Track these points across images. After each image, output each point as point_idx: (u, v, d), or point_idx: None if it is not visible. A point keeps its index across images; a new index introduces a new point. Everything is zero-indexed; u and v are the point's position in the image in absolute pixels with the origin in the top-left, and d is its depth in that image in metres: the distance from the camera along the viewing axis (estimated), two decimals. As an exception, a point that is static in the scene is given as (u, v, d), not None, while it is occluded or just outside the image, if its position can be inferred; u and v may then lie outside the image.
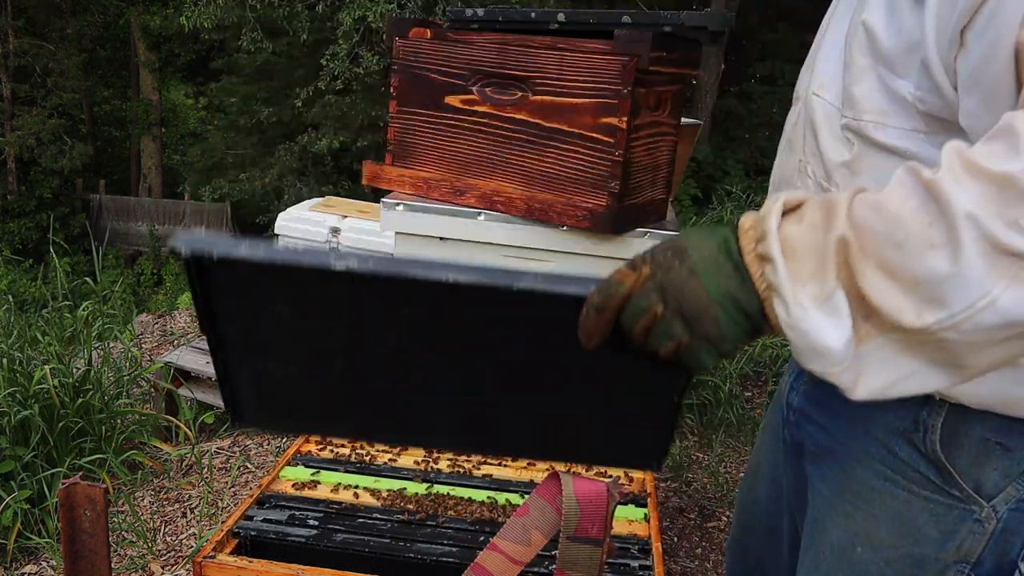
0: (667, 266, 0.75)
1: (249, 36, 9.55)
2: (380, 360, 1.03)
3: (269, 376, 1.07)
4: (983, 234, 0.64)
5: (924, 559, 0.96)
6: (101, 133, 17.51)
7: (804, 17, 11.75)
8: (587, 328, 0.80)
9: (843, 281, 0.68)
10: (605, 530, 0.92)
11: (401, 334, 0.98)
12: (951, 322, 0.65)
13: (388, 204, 1.70)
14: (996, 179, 0.66)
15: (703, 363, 0.75)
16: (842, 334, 0.67)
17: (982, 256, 0.64)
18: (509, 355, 0.93)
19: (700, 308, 0.72)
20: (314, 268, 0.92)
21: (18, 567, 2.42)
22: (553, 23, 1.58)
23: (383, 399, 1.06)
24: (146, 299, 11.34)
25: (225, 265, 0.93)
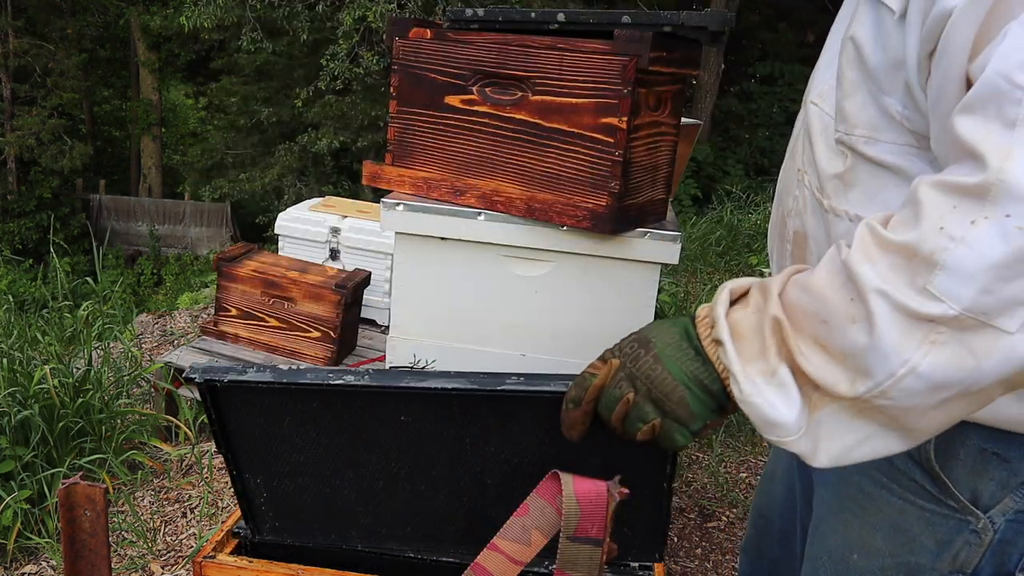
0: (634, 356, 0.82)
1: (249, 36, 9.55)
2: (382, 468, 1.09)
3: (282, 490, 1.14)
4: (894, 305, 0.68)
5: (919, 568, 0.94)
6: (101, 133, 17.51)
7: (804, 17, 11.76)
8: (568, 421, 0.87)
9: (784, 358, 0.74)
10: (605, 530, 0.92)
11: (400, 441, 1.05)
12: (879, 390, 0.70)
13: (388, 204, 1.70)
14: (901, 249, 0.69)
15: (677, 443, 0.81)
16: (791, 407, 0.73)
17: (895, 326, 0.68)
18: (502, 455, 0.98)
19: (668, 390, 0.79)
20: (313, 385, 1.01)
21: (18, 567, 2.42)
22: (553, 23, 1.58)
23: (390, 507, 1.11)
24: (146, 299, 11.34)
25: (234, 389, 1.04)
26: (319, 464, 1.09)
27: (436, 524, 1.09)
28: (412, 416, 1.02)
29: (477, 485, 1.00)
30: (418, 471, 1.06)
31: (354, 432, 1.05)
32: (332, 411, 1.04)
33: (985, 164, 0.67)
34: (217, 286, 3.54)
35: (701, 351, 0.79)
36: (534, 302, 1.73)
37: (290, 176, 11.75)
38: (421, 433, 1.03)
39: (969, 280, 0.66)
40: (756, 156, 11.93)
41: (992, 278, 0.65)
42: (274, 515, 1.16)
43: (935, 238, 0.67)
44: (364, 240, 3.91)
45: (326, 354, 3.40)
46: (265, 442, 1.09)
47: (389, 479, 1.08)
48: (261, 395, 1.04)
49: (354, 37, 8.84)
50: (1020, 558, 0.91)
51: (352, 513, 1.12)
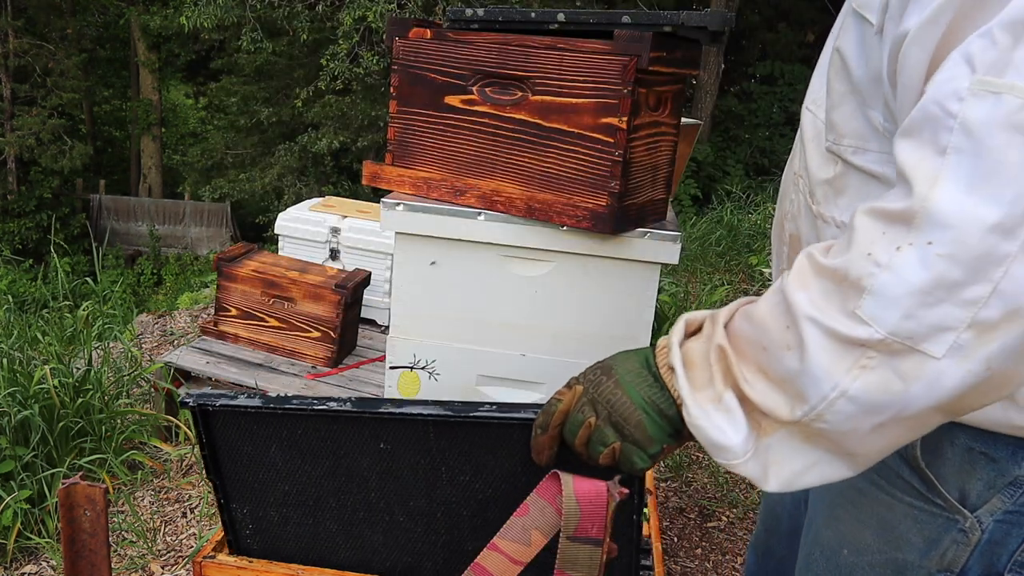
0: (597, 382, 0.88)
1: (249, 36, 9.55)
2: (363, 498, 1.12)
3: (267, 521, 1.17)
4: (824, 331, 0.71)
5: (907, 565, 0.95)
6: (101, 133, 17.51)
7: (804, 17, 11.76)
8: (536, 447, 0.92)
9: (730, 384, 0.78)
10: (605, 530, 0.92)
11: (379, 469, 1.09)
12: (815, 413, 0.72)
13: (388, 204, 1.70)
14: (832, 274, 0.72)
15: (636, 465, 0.85)
16: (738, 431, 0.77)
17: (825, 351, 0.71)
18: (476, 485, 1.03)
19: (627, 414, 0.84)
20: (298, 410, 1.06)
21: (18, 567, 2.42)
22: (553, 23, 1.58)
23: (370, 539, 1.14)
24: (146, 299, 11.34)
25: (225, 413, 1.08)
26: (303, 493, 1.13)
27: (415, 557, 1.12)
28: (390, 443, 1.06)
29: (452, 517, 1.04)
30: (396, 501, 1.10)
31: (336, 459, 1.09)
32: (316, 437, 1.09)
33: (912, 190, 0.68)
34: (217, 286, 3.54)
35: (659, 378, 0.84)
36: (534, 302, 1.73)
37: (290, 176, 11.76)
38: (399, 461, 1.07)
39: (893, 305, 0.68)
40: (756, 156, 11.93)
41: (914, 304, 0.67)
42: (259, 547, 1.20)
43: (863, 263, 0.70)
44: (364, 240, 3.91)
45: (326, 354, 3.40)
46: (252, 470, 1.13)
47: (369, 509, 1.11)
48: (250, 420, 1.09)
49: (354, 37, 8.84)
50: (1009, 559, 0.91)
51: (334, 544, 1.16)
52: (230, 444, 1.11)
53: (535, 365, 1.77)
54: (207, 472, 1.13)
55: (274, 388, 3.22)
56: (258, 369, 3.34)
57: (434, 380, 1.80)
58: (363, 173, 1.83)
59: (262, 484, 1.14)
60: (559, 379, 1.76)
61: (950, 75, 0.69)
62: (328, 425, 1.07)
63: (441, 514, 1.08)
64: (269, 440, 1.10)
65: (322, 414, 1.06)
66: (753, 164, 11.79)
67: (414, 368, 1.80)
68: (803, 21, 11.82)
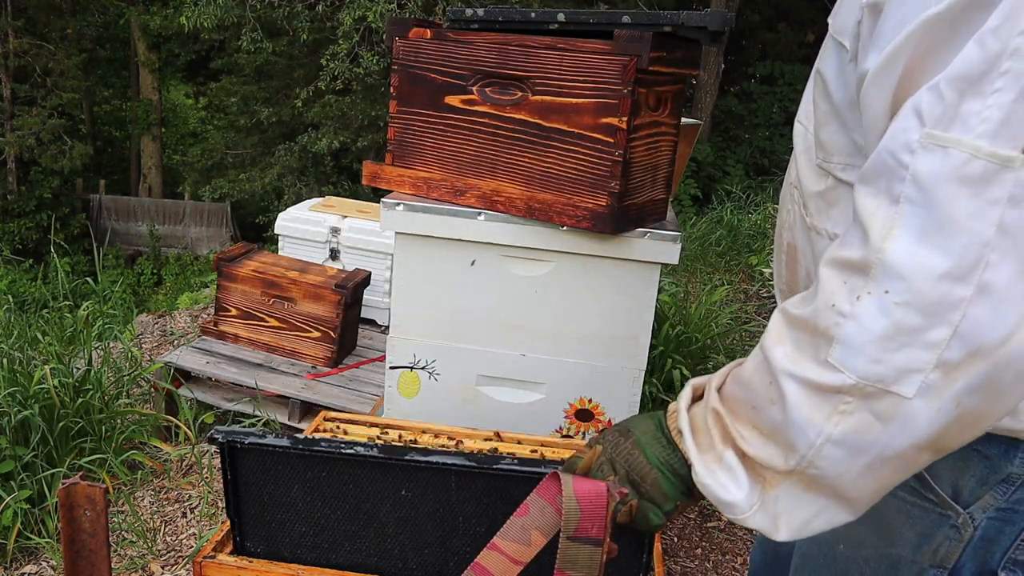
0: (615, 443, 0.93)
1: (249, 36, 9.55)
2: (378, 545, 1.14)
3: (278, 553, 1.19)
4: (801, 382, 0.76)
5: (900, 560, 0.96)
6: (101, 133, 17.50)
7: (804, 17, 11.75)
8: None
9: (729, 443, 0.82)
10: (605, 530, 0.92)
11: (398, 516, 1.11)
12: (807, 461, 0.77)
13: (388, 204, 1.70)
14: (804, 324, 0.77)
15: (651, 522, 0.90)
16: (740, 487, 0.81)
17: (805, 401, 0.76)
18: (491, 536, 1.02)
19: (644, 472, 0.89)
20: (326, 452, 1.09)
21: (18, 567, 2.42)
22: (553, 23, 1.58)
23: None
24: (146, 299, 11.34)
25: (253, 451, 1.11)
26: (319, 536, 1.15)
27: None
28: (412, 491, 1.10)
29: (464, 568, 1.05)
30: (411, 549, 1.12)
31: (357, 503, 1.12)
32: (339, 481, 1.11)
33: (868, 239, 0.72)
34: (217, 286, 3.54)
35: (671, 440, 0.89)
36: (534, 302, 1.73)
37: (290, 176, 11.75)
38: (418, 509, 1.11)
39: (859, 352, 0.72)
40: (756, 156, 11.93)
41: (878, 349, 0.71)
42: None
43: (829, 314, 0.75)
44: (364, 240, 3.91)
45: (326, 354, 3.40)
46: (272, 510, 1.15)
47: (382, 556, 1.14)
48: (276, 460, 1.12)
49: (354, 37, 8.84)
50: (1003, 556, 0.91)
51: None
52: (253, 483, 1.14)
53: (535, 365, 1.77)
54: (227, 511, 1.15)
55: (274, 388, 3.22)
56: (258, 369, 3.34)
57: (434, 380, 1.80)
58: (363, 173, 1.83)
59: (280, 524, 1.16)
60: (559, 379, 1.77)
61: (903, 127, 0.72)
62: (353, 469, 1.10)
63: (454, 564, 1.11)
64: (292, 481, 1.13)
65: (349, 458, 1.09)
66: (753, 164, 11.79)
67: (414, 368, 1.80)
68: (803, 21, 11.82)
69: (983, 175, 0.68)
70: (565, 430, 1.82)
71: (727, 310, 4.10)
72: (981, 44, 0.68)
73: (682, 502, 0.89)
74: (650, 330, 1.74)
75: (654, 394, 3.23)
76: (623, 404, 1.78)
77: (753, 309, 4.62)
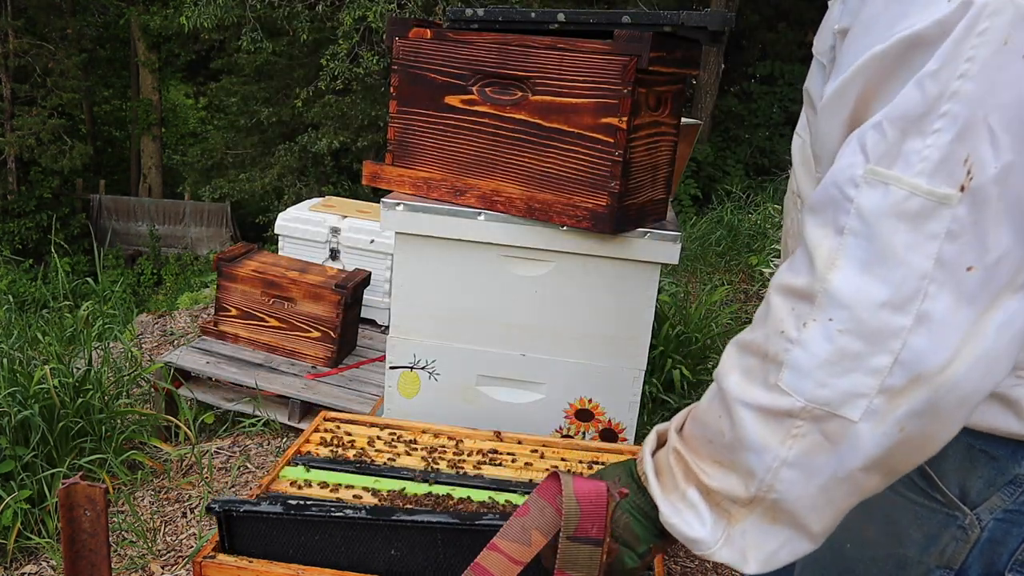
0: None
1: (249, 36, 9.55)
2: None
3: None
4: (754, 408, 0.79)
5: (907, 560, 0.96)
6: (101, 133, 17.50)
7: (804, 17, 11.75)
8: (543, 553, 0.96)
9: (691, 481, 0.85)
10: (605, 530, 0.92)
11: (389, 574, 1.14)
12: (765, 486, 0.79)
13: (388, 204, 1.70)
14: (755, 348, 0.80)
15: (626, 565, 0.92)
16: (704, 524, 0.84)
17: (758, 426, 0.78)
18: None
19: (616, 516, 0.91)
20: (317, 517, 1.13)
21: (18, 567, 2.42)
22: (553, 23, 1.58)
23: None
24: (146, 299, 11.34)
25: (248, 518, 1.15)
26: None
27: None
28: (401, 549, 1.13)
29: None
30: None
31: (349, 564, 1.15)
32: (331, 543, 1.15)
33: (814, 268, 0.76)
34: (217, 286, 3.54)
35: (641, 485, 0.92)
36: (534, 302, 1.73)
37: (290, 176, 11.75)
38: (408, 566, 1.14)
39: (806, 376, 0.76)
40: (756, 156, 11.93)
41: (825, 374, 0.75)
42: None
43: (777, 340, 0.78)
44: (364, 240, 3.92)
45: (326, 354, 3.40)
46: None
47: None
48: (271, 526, 1.15)
49: (354, 37, 8.84)
50: (1010, 558, 0.92)
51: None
52: (249, 549, 1.17)
53: (535, 365, 1.77)
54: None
55: (274, 388, 3.22)
56: (258, 369, 3.34)
57: (434, 380, 1.80)
58: (363, 173, 1.83)
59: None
60: (559, 379, 1.77)
61: (849, 161, 0.75)
62: (344, 532, 1.14)
63: None
64: (286, 546, 1.16)
65: (339, 521, 1.13)
66: (753, 164, 11.79)
67: (414, 368, 1.80)
68: (803, 21, 11.82)
69: (920, 211, 0.71)
70: (565, 430, 1.82)
71: (727, 310, 4.10)
72: (920, 87, 0.71)
73: (655, 544, 0.92)
74: (650, 330, 1.74)
75: (654, 394, 3.23)
76: (623, 404, 1.78)
77: (753, 309, 4.62)
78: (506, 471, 1.68)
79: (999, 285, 0.72)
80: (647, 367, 1.80)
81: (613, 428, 1.80)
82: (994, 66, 0.69)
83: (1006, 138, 0.69)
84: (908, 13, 0.73)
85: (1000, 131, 0.69)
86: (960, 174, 0.70)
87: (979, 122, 0.70)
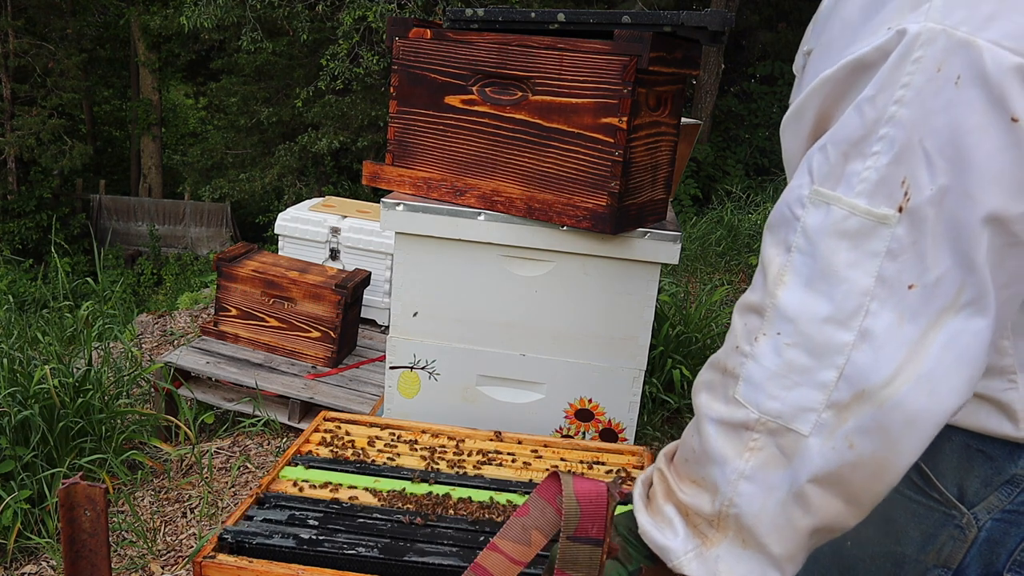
0: None
1: (249, 36, 9.54)
2: None
3: None
4: (716, 420, 0.82)
5: (905, 559, 0.97)
6: (101, 133, 17.51)
7: (804, 17, 11.75)
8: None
9: (671, 500, 0.88)
10: (606, 530, 0.92)
11: None
12: (727, 500, 0.81)
13: (388, 204, 1.70)
14: (717, 366, 0.84)
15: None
16: (676, 535, 0.86)
17: (719, 439, 0.81)
18: None
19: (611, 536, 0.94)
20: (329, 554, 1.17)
21: (18, 567, 2.42)
22: (553, 23, 1.58)
23: None
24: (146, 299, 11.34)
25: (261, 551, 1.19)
26: None
27: None
28: None
29: None
30: None
31: None
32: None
33: (765, 283, 0.79)
34: (217, 286, 3.54)
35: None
36: (534, 302, 1.73)
37: (290, 176, 11.75)
38: None
39: (759, 388, 0.78)
40: (756, 156, 11.93)
41: (775, 386, 0.77)
42: None
43: (734, 355, 0.81)
44: (364, 240, 3.92)
45: (326, 354, 3.40)
46: None
47: None
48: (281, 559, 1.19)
49: (354, 37, 8.84)
50: (1008, 558, 0.92)
51: None
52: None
53: (535, 365, 1.77)
54: None
55: (274, 388, 3.22)
56: (258, 369, 3.34)
57: (434, 380, 1.80)
58: (363, 173, 1.83)
59: None
60: (559, 379, 1.77)
61: (798, 182, 0.78)
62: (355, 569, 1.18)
63: None
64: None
65: (351, 558, 1.17)
66: (753, 164, 11.79)
67: (414, 368, 1.80)
68: (803, 21, 11.79)
69: (860, 230, 0.74)
70: (565, 430, 1.82)
71: (727, 310, 4.10)
72: (859, 111, 0.74)
73: (646, 566, 0.92)
74: (650, 330, 1.74)
75: (654, 394, 3.23)
76: (623, 404, 1.78)
77: (753, 309, 4.61)
78: (506, 471, 1.68)
79: (941, 304, 0.73)
80: (647, 367, 1.80)
81: (613, 428, 1.80)
82: (928, 92, 0.71)
83: (941, 162, 0.71)
84: (856, 39, 0.76)
85: (935, 155, 0.71)
86: (898, 195, 0.72)
87: (915, 145, 0.72)
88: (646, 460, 1.54)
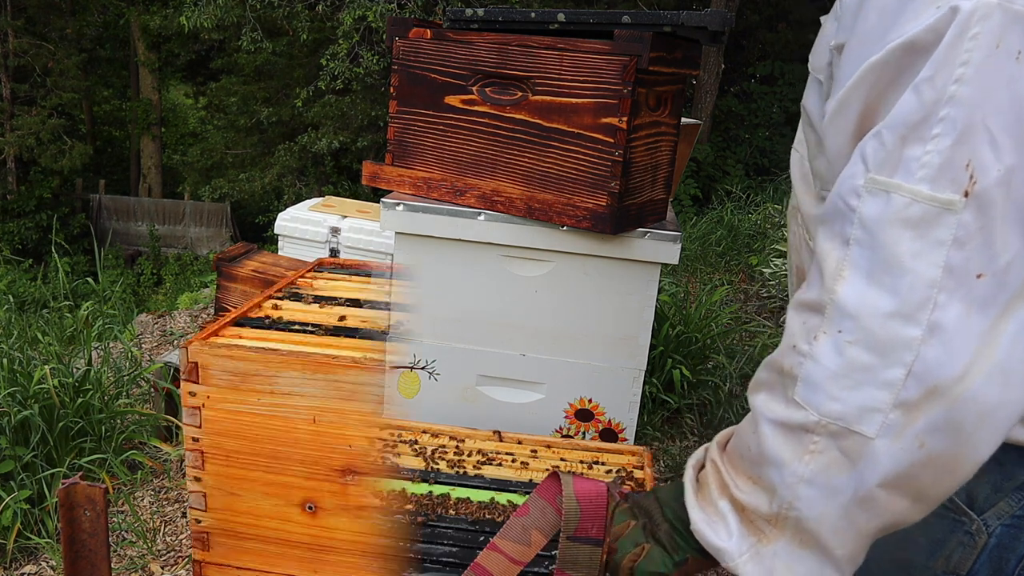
0: (639, 498, 0.98)
1: (249, 36, 9.54)
2: None
3: None
4: (774, 422, 0.79)
5: (913, 565, 0.95)
6: (101, 133, 17.51)
7: (804, 17, 11.75)
8: None
9: (724, 494, 0.86)
10: (605, 530, 0.92)
11: None
12: (786, 502, 0.79)
13: (388, 204, 1.70)
14: (775, 366, 0.81)
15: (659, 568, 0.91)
16: (731, 534, 0.83)
17: (777, 441, 0.78)
18: None
19: (658, 521, 0.93)
20: None
21: (18, 567, 2.42)
22: (553, 23, 1.58)
23: None
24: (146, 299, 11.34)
25: None
26: None
27: None
28: None
29: None
30: None
31: None
32: None
33: (823, 280, 0.76)
34: (217, 286, 3.54)
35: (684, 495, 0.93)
36: (534, 302, 1.73)
37: (290, 176, 11.75)
38: None
39: (818, 389, 0.75)
40: (756, 156, 11.93)
41: (836, 387, 0.74)
42: None
43: (791, 355, 0.78)
44: (364, 240, 3.91)
45: (326, 354, 3.40)
46: None
47: None
48: None
49: (354, 37, 8.84)
50: (1018, 564, 0.91)
51: None
52: None
53: (535, 365, 1.77)
54: None
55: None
56: (258, 369, 3.34)
57: (434, 380, 1.80)
58: (363, 173, 1.83)
59: None
60: (559, 379, 1.77)
61: (851, 172, 0.75)
62: None
63: None
64: None
65: None
66: (753, 164, 11.78)
67: (414, 368, 1.80)
68: (803, 21, 11.81)
69: (924, 218, 0.70)
70: (565, 430, 1.82)
71: (727, 310, 4.10)
72: (917, 92, 0.71)
73: (693, 557, 0.90)
74: (650, 330, 1.74)
75: (654, 394, 3.23)
76: (623, 404, 1.78)
77: (753, 309, 4.62)
78: (506, 471, 1.68)
79: (1010, 292, 0.70)
80: (647, 367, 1.80)
81: (613, 428, 1.80)
82: (989, 69, 0.69)
83: (1006, 141, 0.69)
84: (899, 22, 0.73)
85: (1000, 134, 0.69)
86: (963, 179, 0.69)
87: (978, 125, 0.69)
88: (646, 460, 1.54)
